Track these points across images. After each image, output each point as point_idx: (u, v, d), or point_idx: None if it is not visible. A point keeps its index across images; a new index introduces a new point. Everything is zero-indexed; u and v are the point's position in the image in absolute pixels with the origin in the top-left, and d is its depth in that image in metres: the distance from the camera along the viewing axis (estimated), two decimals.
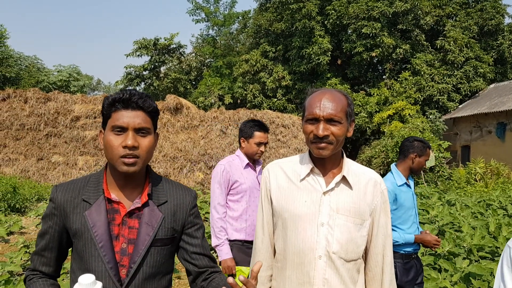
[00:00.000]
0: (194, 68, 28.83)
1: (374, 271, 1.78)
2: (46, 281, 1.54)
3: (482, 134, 18.88)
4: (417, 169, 3.27)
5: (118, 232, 1.48)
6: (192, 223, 1.63)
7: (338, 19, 21.17)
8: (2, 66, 27.15)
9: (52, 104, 15.61)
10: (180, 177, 14.43)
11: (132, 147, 1.43)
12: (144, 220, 1.49)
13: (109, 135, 1.46)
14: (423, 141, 3.27)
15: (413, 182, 3.38)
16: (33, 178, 14.24)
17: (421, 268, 3.33)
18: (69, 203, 1.50)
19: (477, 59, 20.83)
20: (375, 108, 20.03)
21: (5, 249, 6.57)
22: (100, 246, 1.44)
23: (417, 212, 3.32)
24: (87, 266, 1.45)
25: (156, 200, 1.55)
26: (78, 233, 1.47)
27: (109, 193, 1.50)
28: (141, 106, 1.47)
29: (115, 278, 1.44)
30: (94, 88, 50.39)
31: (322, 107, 1.63)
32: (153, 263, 1.50)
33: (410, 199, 3.23)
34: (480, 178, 14.16)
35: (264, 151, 3.31)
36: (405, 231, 3.20)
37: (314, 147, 1.67)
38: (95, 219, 1.46)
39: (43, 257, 1.55)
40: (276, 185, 1.79)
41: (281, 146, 15.94)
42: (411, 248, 3.23)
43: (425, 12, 21.17)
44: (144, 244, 1.47)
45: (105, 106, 1.48)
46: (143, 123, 1.47)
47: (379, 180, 1.79)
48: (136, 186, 1.55)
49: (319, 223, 1.67)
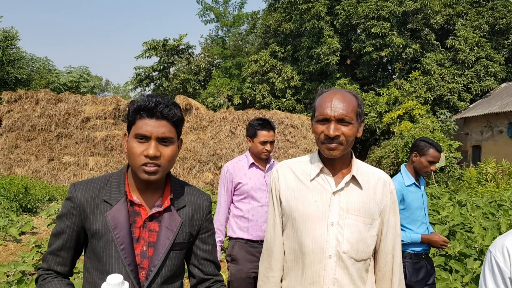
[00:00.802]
0: (203, 69, 28.90)
1: (384, 271, 1.78)
2: (62, 280, 1.53)
3: (493, 134, 18.69)
4: (419, 169, 3.19)
5: (139, 235, 1.48)
6: (206, 228, 1.65)
7: (347, 19, 21.09)
8: (14, 67, 27.45)
9: (63, 105, 15.75)
10: (190, 178, 14.49)
11: (153, 157, 1.43)
12: (164, 224, 1.50)
13: (132, 141, 1.46)
14: (428, 141, 3.18)
15: (424, 183, 3.34)
16: (44, 178, 14.39)
17: (432, 269, 3.29)
18: (90, 203, 1.49)
19: (488, 58, 20.63)
20: (385, 108, 19.92)
21: (17, 249, 6.64)
22: (121, 248, 1.44)
23: (427, 213, 3.27)
24: (106, 267, 1.45)
25: (176, 204, 1.56)
26: (98, 234, 1.47)
27: (131, 196, 1.51)
28: (165, 116, 1.47)
29: (135, 280, 1.44)
30: (103, 89, 50.72)
31: (333, 107, 1.63)
32: (171, 266, 1.51)
33: (419, 199, 3.20)
34: (491, 178, 14.02)
35: (272, 150, 3.29)
36: (413, 231, 3.18)
37: (324, 147, 1.67)
38: (117, 221, 1.46)
39: (58, 257, 1.54)
40: (285, 185, 1.79)
41: (290, 146, 15.92)
42: (420, 248, 3.20)
43: (435, 11, 21.02)
44: (164, 248, 1.48)
45: (130, 112, 1.48)
46: (166, 133, 1.47)
47: (388, 180, 1.78)
48: (157, 190, 1.55)
49: (329, 223, 1.67)
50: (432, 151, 3.12)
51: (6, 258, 6.17)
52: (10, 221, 7.84)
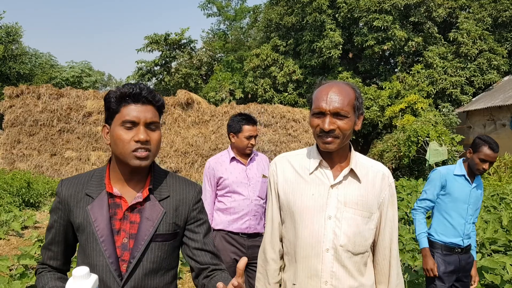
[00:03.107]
0: (204, 63, 28.84)
1: (382, 264, 1.78)
2: (54, 274, 1.55)
3: (496, 127, 18.61)
4: (472, 166, 3.13)
5: (119, 227, 1.47)
6: (195, 218, 1.61)
7: (349, 12, 20.98)
8: (16, 63, 27.46)
9: (65, 100, 15.75)
10: (192, 172, 14.51)
11: (145, 142, 1.44)
12: (144, 215, 1.48)
13: (119, 129, 1.45)
14: (483, 139, 3.10)
15: (480, 183, 3.27)
16: (46, 173, 14.44)
17: (468, 265, 3.22)
18: (73, 197, 1.50)
19: (491, 51, 20.49)
20: (387, 102, 19.85)
21: (19, 243, 6.67)
22: (101, 241, 1.44)
23: (473, 212, 3.20)
24: (90, 260, 1.45)
25: (158, 195, 1.54)
26: (81, 227, 1.48)
27: (111, 188, 1.50)
28: (150, 101, 1.47)
29: (115, 272, 1.43)
30: (105, 84, 50.73)
31: (329, 101, 1.62)
32: (154, 258, 1.49)
33: (465, 193, 3.15)
34: (494, 171, 13.99)
35: (255, 144, 3.33)
36: (447, 220, 3.17)
37: (320, 141, 1.67)
38: (97, 214, 1.46)
39: (50, 251, 1.57)
40: (283, 179, 1.79)
41: (292, 140, 15.91)
42: (450, 240, 3.16)
43: (437, 4, 20.87)
44: (144, 239, 1.46)
45: (112, 101, 1.46)
46: (153, 118, 1.48)
47: (387, 173, 1.78)
48: (139, 181, 1.54)
49: (326, 216, 1.67)
50: (485, 149, 3.04)
51: (9, 252, 6.20)
52: (13, 216, 7.88)
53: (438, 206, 3.25)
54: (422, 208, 3.31)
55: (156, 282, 1.52)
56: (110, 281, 1.44)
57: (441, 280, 3.15)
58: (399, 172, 16.80)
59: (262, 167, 3.44)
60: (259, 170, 3.40)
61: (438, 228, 3.22)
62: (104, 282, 1.44)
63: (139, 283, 1.47)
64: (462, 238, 3.16)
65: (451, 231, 3.16)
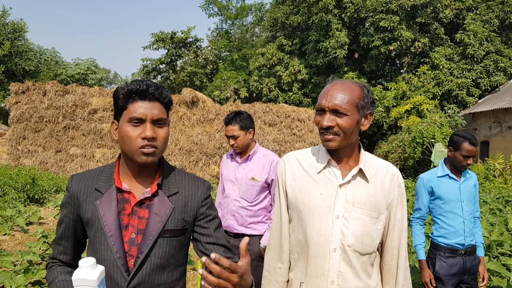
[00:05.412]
0: (210, 62, 28.88)
1: (390, 265, 1.76)
2: (64, 269, 1.56)
3: (502, 129, 18.52)
4: (455, 164, 3.12)
5: (127, 222, 1.47)
6: (204, 214, 1.61)
7: (355, 12, 20.93)
8: (22, 59, 27.56)
9: (70, 97, 15.78)
10: (196, 170, 14.52)
11: (151, 138, 1.44)
12: (153, 210, 1.48)
13: (126, 126, 1.45)
14: (461, 135, 3.09)
15: (470, 176, 3.22)
16: (51, 169, 14.49)
17: (473, 268, 3.15)
18: (83, 192, 1.51)
19: (498, 53, 20.40)
20: (393, 103, 19.80)
21: (24, 239, 6.69)
22: (109, 236, 1.44)
23: (468, 207, 3.14)
24: (98, 255, 1.46)
25: (167, 190, 1.54)
26: (90, 222, 1.48)
27: (120, 183, 1.50)
28: (157, 97, 1.47)
29: (123, 267, 1.43)
30: (111, 82, 50.88)
31: (329, 98, 1.63)
32: (161, 254, 1.49)
33: (454, 191, 3.12)
34: (499, 174, 13.91)
35: (239, 144, 3.23)
36: (445, 223, 3.14)
37: (322, 138, 1.68)
38: (106, 209, 1.46)
39: (60, 246, 1.58)
40: (291, 177, 1.78)
41: (297, 140, 15.89)
42: (453, 242, 3.11)
43: (444, 5, 20.79)
44: (152, 235, 1.46)
45: (120, 97, 1.47)
46: (160, 114, 1.47)
47: (396, 173, 1.76)
48: (148, 177, 1.55)
49: (334, 215, 1.65)
50: (466, 145, 3.03)
51: (13, 247, 6.22)
52: (17, 212, 7.91)
53: (434, 211, 3.22)
54: (418, 219, 3.29)
55: (164, 278, 1.51)
56: (117, 276, 1.44)
57: (441, 283, 3.12)
58: (404, 173, 16.75)
59: (262, 168, 3.25)
60: (256, 171, 3.24)
61: (439, 232, 3.19)
62: (111, 277, 1.44)
63: (147, 279, 1.46)
64: (464, 236, 3.12)
65: (452, 232, 3.13)
